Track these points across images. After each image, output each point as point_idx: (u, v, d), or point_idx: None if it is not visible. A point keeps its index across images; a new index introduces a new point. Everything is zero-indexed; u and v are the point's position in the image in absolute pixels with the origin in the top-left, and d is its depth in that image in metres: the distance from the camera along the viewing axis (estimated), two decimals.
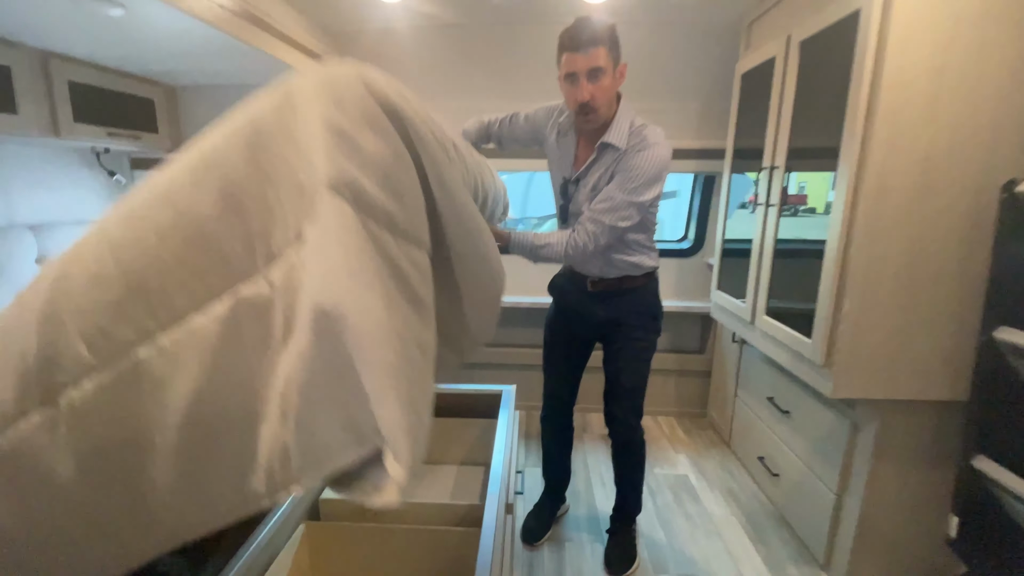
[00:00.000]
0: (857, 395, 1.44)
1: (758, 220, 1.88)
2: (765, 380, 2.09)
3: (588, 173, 1.46)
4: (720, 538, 1.86)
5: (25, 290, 0.62)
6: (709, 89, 2.40)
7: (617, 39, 1.33)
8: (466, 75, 2.48)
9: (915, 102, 1.25)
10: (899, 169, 1.29)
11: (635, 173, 1.34)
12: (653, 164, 1.34)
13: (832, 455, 1.65)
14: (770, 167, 1.78)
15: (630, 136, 1.37)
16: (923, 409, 1.45)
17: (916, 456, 1.49)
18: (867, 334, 1.38)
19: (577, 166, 1.49)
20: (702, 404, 2.78)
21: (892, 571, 1.59)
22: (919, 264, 1.34)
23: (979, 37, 1.22)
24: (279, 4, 1.90)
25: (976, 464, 1.34)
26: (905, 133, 1.27)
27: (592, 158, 1.43)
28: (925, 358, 1.38)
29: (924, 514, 1.53)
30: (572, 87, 1.33)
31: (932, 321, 1.36)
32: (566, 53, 1.31)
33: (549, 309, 1.75)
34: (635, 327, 1.58)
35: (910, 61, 1.24)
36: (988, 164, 1.27)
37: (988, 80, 1.24)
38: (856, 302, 1.37)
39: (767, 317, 1.81)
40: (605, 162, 1.41)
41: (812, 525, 1.76)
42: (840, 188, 1.38)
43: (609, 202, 1.37)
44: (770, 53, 1.80)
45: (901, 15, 1.23)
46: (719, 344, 2.61)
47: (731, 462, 2.36)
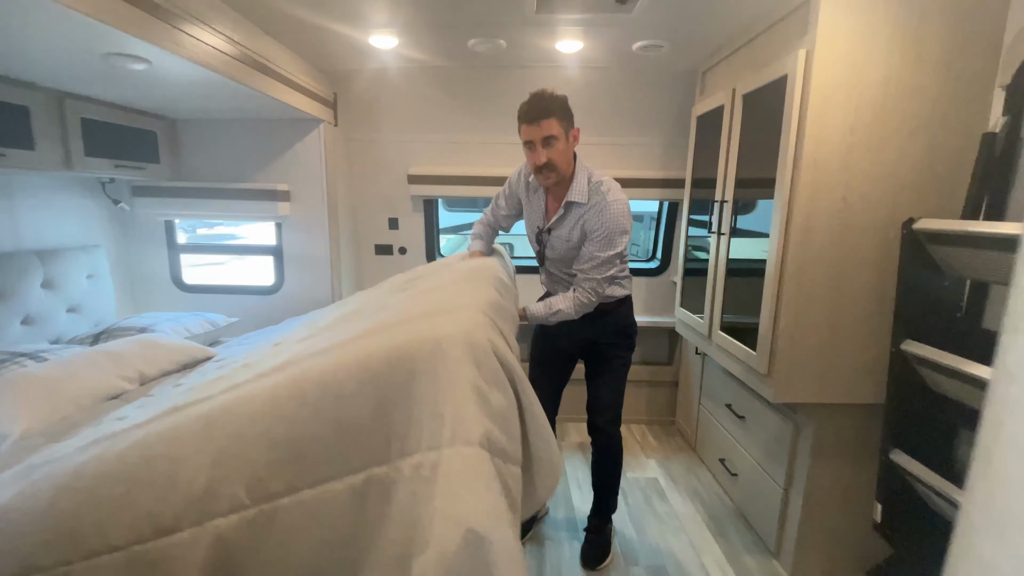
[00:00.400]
0: (795, 400, 1.67)
1: (712, 246, 2.12)
2: (723, 389, 2.32)
3: (559, 225, 1.67)
4: (685, 533, 2.06)
5: (201, 427, 0.82)
6: (671, 127, 2.67)
7: (568, 109, 1.54)
8: (450, 111, 2.69)
9: (832, 154, 1.51)
10: (822, 209, 1.54)
11: (605, 231, 1.56)
12: (617, 220, 1.56)
13: (779, 454, 1.88)
14: (720, 201, 2.03)
15: (590, 192, 1.58)
16: (850, 411, 1.68)
17: (846, 452, 1.73)
18: (801, 347, 1.61)
19: (548, 218, 1.71)
20: (671, 412, 3.00)
21: (832, 556, 1.81)
22: (841, 288, 1.58)
23: (882, 102, 1.49)
24: (280, 50, 2.08)
25: (893, 457, 1.57)
26: (826, 179, 1.52)
27: (560, 213, 1.65)
28: (849, 367, 1.62)
29: (856, 503, 1.76)
30: (531, 152, 1.55)
31: (853, 336, 1.61)
32: (523, 125, 1.52)
33: (535, 329, 1.94)
34: (612, 345, 1.79)
35: (827, 119, 1.49)
36: (892, 206, 1.53)
37: (890, 137, 1.50)
38: (791, 319, 1.60)
39: (721, 332, 2.04)
40: (572, 216, 1.63)
41: (764, 518, 1.98)
42: (775, 223, 1.62)
43: (594, 261, 1.59)
44: (719, 101, 2.06)
45: (819, 81, 1.48)
46: (684, 356, 2.84)
47: (696, 465, 2.57)
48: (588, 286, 1.62)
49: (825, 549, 1.80)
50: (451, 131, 2.73)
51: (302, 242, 2.63)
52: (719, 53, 2.16)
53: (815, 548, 1.80)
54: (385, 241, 2.93)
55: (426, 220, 2.90)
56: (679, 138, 2.65)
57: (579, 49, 2.26)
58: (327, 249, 2.62)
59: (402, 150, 2.78)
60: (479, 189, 2.77)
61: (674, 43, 2.17)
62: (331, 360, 0.84)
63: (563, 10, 1.83)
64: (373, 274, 2.95)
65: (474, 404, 0.77)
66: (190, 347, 2.02)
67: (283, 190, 2.53)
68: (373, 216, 2.89)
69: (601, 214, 1.56)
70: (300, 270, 2.67)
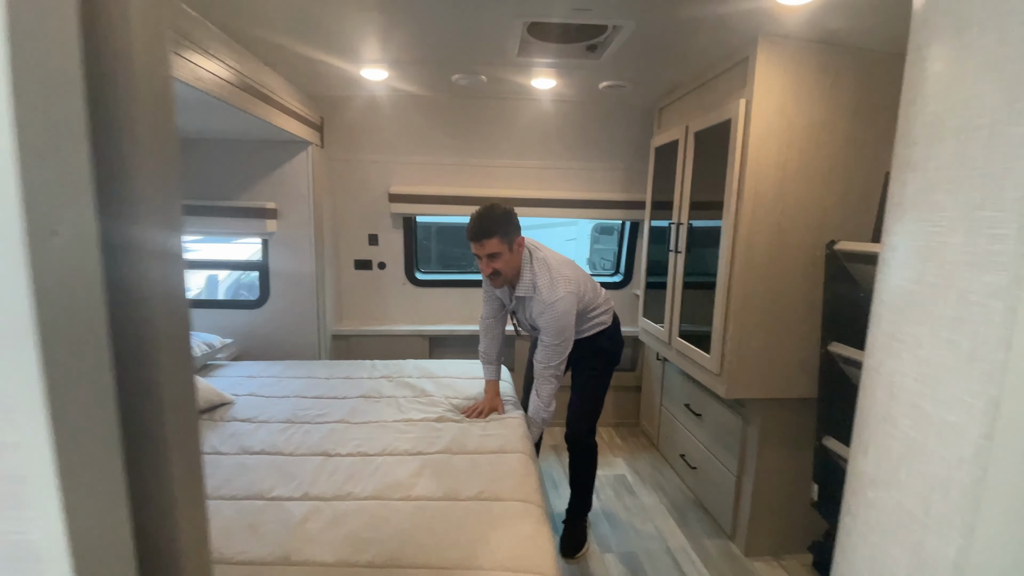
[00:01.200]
0: (743, 396, 1.93)
1: (670, 263, 2.39)
2: (682, 390, 2.58)
3: (519, 309, 1.93)
4: (652, 522, 2.28)
5: None
6: (632, 155, 2.96)
7: (510, 223, 1.75)
8: (430, 135, 2.89)
9: (769, 186, 1.79)
10: (761, 231, 1.82)
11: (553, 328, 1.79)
12: (558, 318, 1.78)
13: (732, 446, 2.13)
14: (677, 223, 2.30)
15: (535, 290, 1.81)
16: (789, 405, 1.96)
17: (788, 441, 2.00)
18: (746, 349, 1.88)
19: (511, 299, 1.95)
20: (635, 415, 3.25)
21: (779, 533, 2.07)
22: (778, 298, 1.86)
23: (807, 144, 1.79)
24: (274, 77, 2.22)
25: (826, 443, 1.85)
26: (764, 207, 1.80)
27: (514, 304, 1.93)
28: (787, 366, 1.90)
29: (798, 485, 2.03)
30: (480, 263, 1.80)
31: (790, 339, 1.89)
32: (470, 242, 1.76)
33: (530, 348, 2.15)
34: (591, 364, 2.03)
35: (764, 158, 1.78)
36: (818, 230, 1.83)
37: (815, 173, 1.80)
38: (737, 325, 1.87)
39: (679, 338, 2.30)
40: (525, 304, 1.88)
41: (720, 504, 2.22)
42: (723, 244, 1.89)
43: (547, 351, 1.83)
44: (674, 136, 2.35)
45: (756, 126, 1.77)
46: (647, 363, 3.10)
47: (659, 461, 2.81)
48: (547, 374, 1.87)
49: (773, 528, 2.06)
50: (431, 153, 2.92)
51: (288, 258, 2.73)
52: (674, 94, 2.46)
53: (765, 528, 2.06)
54: (365, 256, 3.07)
55: (405, 236, 3.06)
56: (640, 164, 2.94)
57: (552, 86, 2.52)
58: (313, 265, 2.74)
59: (383, 170, 2.94)
60: (456, 208, 2.96)
61: (635, 84, 2.45)
62: None
63: (540, 55, 2.07)
64: (353, 288, 3.07)
65: None
66: (209, 389, 2.01)
67: (271, 208, 2.64)
68: (354, 232, 3.02)
69: (545, 315, 1.79)
70: (286, 285, 2.76)
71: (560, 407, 2.03)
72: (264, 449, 1.66)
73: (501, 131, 2.91)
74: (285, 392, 2.16)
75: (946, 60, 0.46)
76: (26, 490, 0.29)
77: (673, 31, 1.78)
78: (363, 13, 1.70)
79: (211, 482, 1.45)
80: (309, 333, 2.80)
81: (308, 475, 1.51)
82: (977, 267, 0.40)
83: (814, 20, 1.59)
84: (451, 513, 1.34)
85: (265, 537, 1.22)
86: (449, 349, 3.11)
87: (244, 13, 1.69)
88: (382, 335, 3.00)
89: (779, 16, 1.58)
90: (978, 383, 0.40)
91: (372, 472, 1.53)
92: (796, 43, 1.73)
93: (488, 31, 1.84)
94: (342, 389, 2.21)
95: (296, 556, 1.17)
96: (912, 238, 0.47)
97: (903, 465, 0.49)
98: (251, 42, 1.94)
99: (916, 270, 0.47)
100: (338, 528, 1.26)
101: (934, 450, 0.45)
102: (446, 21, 1.76)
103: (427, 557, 1.17)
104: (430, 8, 1.65)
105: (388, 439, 1.75)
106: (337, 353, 2.98)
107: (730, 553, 2.09)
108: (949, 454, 0.43)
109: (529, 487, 1.48)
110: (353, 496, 1.41)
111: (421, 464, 1.58)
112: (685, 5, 1.56)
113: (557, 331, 1.80)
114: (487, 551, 1.19)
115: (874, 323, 0.61)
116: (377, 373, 2.42)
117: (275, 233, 2.70)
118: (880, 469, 0.53)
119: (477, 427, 1.86)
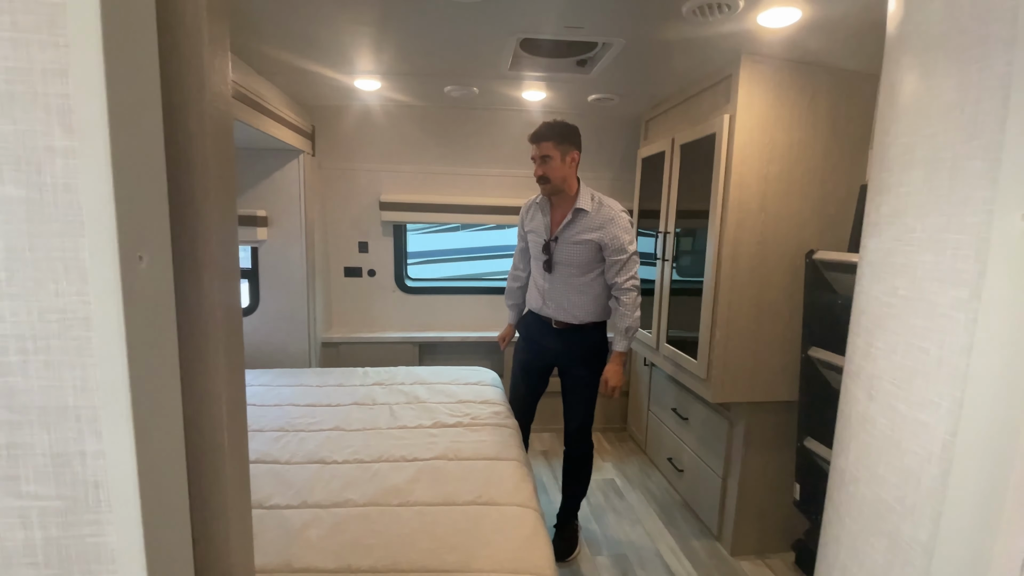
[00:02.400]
0: (729, 400, 1.99)
1: (657, 270, 2.45)
2: (669, 395, 2.64)
3: (567, 230, 1.92)
4: (641, 525, 2.33)
5: None
6: (619, 164, 3.04)
7: (567, 135, 1.84)
8: (421, 144, 2.93)
9: (752, 198, 1.87)
10: (745, 241, 1.89)
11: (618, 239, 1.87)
12: (626, 229, 1.89)
13: (718, 448, 2.20)
14: (663, 232, 2.37)
15: (593, 204, 1.90)
16: (772, 408, 2.03)
17: (772, 442, 2.07)
18: (732, 355, 1.95)
19: (554, 229, 1.97)
20: (623, 420, 3.30)
21: (764, 532, 2.13)
22: (762, 305, 1.94)
23: (787, 158, 1.87)
24: (269, 87, 2.24)
25: (807, 444, 1.92)
26: (747, 219, 1.88)
27: (568, 219, 1.91)
28: (770, 370, 1.97)
29: (780, 486, 2.09)
30: (535, 166, 1.90)
31: (772, 345, 1.96)
32: (531, 144, 1.88)
33: (517, 343, 2.19)
34: (583, 364, 2.03)
35: (747, 171, 1.86)
36: (798, 240, 1.91)
37: (795, 186, 1.89)
38: (723, 332, 1.93)
39: (667, 344, 2.37)
40: (578, 222, 1.90)
41: (707, 505, 2.28)
42: (709, 253, 1.96)
43: (619, 263, 1.89)
44: (661, 148, 2.42)
45: (739, 140, 1.84)
46: (634, 368, 3.16)
47: (647, 465, 2.87)
48: (628, 285, 1.90)
49: (758, 527, 2.12)
50: (422, 162, 2.95)
51: (279, 265, 2.73)
52: (660, 107, 2.54)
53: (750, 527, 2.12)
54: (355, 264, 3.08)
55: (395, 244, 3.08)
56: (627, 174, 3.01)
57: (542, 98, 2.58)
58: (304, 272, 2.74)
59: (374, 178, 2.96)
60: (446, 216, 3.00)
61: (623, 97, 2.52)
62: None
63: (532, 69, 2.13)
64: (342, 295, 3.08)
65: None
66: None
67: (262, 216, 2.64)
68: (344, 240, 3.03)
69: (612, 224, 1.87)
70: (277, 292, 2.76)
71: (547, 413, 2.06)
72: (259, 458, 1.67)
73: (492, 141, 2.96)
74: (277, 400, 2.16)
75: (914, 97, 0.52)
76: (105, 495, 0.31)
77: (661, 49, 1.85)
78: (358, 27, 1.74)
79: None
80: (299, 341, 2.80)
81: (305, 483, 1.52)
82: (943, 282, 0.46)
83: (794, 41, 1.67)
84: (449, 518, 1.37)
85: (265, 546, 1.23)
86: (439, 356, 3.13)
87: (238, 25, 1.71)
88: (372, 342, 3.01)
89: (761, 37, 1.66)
90: (945, 385, 0.46)
91: (369, 479, 1.55)
92: (777, 62, 1.81)
93: (482, 46, 1.89)
94: (335, 396, 2.22)
95: (297, 563, 1.19)
96: (886, 255, 0.53)
97: (881, 461, 0.54)
98: (244, 52, 1.96)
99: (890, 284, 0.52)
100: (339, 535, 1.28)
101: (908, 447, 0.50)
102: (441, 36, 1.80)
103: (427, 561, 1.20)
104: (425, 24, 1.69)
105: (384, 446, 1.76)
106: (327, 361, 2.98)
107: (717, 553, 2.15)
108: (921, 450, 0.48)
109: (525, 492, 1.51)
110: (352, 503, 1.43)
111: (418, 470, 1.61)
112: (673, 26, 1.63)
113: (628, 242, 1.87)
114: (486, 554, 1.22)
115: (853, 332, 0.66)
116: (369, 380, 2.43)
117: (265, 241, 2.70)
118: (860, 465, 0.58)
119: (472, 433, 1.89)
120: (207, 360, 0.36)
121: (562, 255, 1.95)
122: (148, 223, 0.31)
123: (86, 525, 0.31)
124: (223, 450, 0.37)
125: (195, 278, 0.35)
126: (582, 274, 1.94)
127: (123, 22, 0.29)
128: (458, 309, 3.20)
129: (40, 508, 0.30)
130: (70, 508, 0.31)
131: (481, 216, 3.06)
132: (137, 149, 0.31)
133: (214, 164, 0.37)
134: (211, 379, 0.36)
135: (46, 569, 0.31)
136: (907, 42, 0.52)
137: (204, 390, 0.36)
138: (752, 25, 1.57)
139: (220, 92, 0.39)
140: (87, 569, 0.32)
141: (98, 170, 0.28)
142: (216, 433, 0.37)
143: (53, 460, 0.30)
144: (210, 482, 0.38)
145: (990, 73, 0.42)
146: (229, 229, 0.40)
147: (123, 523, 0.31)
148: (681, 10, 1.50)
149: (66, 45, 0.28)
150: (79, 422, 0.29)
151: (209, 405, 0.37)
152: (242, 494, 0.42)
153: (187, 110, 0.35)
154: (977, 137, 0.43)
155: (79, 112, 0.28)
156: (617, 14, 1.58)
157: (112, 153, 0.28)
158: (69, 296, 0.28)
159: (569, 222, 1.92)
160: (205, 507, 0.38)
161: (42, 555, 0.31)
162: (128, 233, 0.29)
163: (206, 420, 0.37)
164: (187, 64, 0.35)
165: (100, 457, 0.30)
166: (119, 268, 0.29)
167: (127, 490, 0.31)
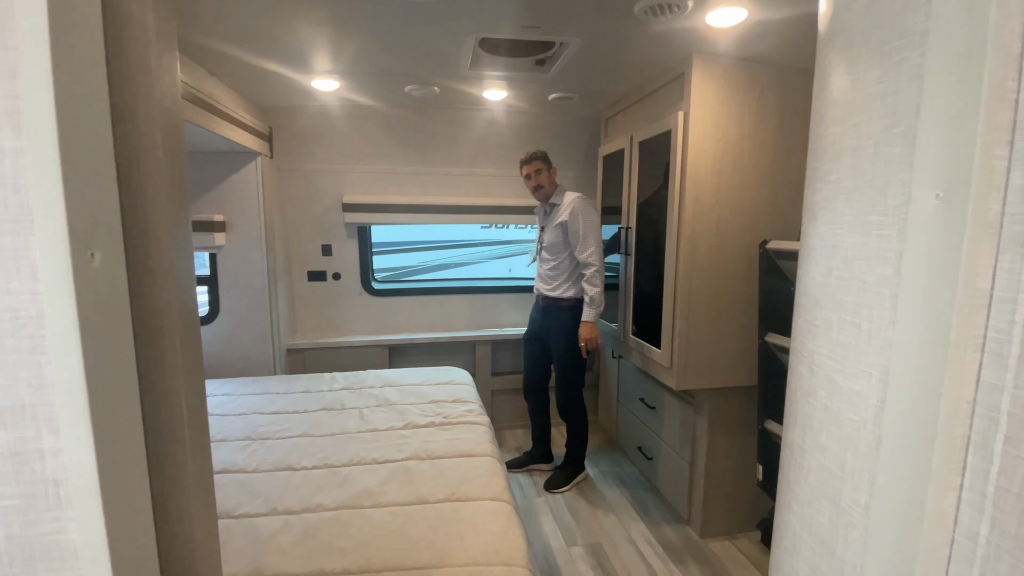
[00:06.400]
0: (692, 387, 2.06)
1: (621, 264, 2.51)
2: (637, 385, 2.71)
3: (548, 221, 2.49)
4: (614, 514, 2.38)
5: None
6: (581, 161, 3.09)
7: (547, 157, 2.44)
8: (386, 146, 2.89)
9: (707, 191, 1.94)
10: (702, 232, 1.96)
11: (576, 218, 2.34)
12: (585, 213, 2.35)
13: (684, 434, 2.27)
14: (626, 227, 2.43)
15: (562, 197, 2.44)
16: (734, 393, 2.11)
17: (734, 426, 2.15)
18: (693, 343, 2.01)
19: (543, 219, 2.57)
20: (594, 413, 3.36)
21: (731, 514, 2.21)
22: (720, 294, 2.01)
23: (739, 152, 1.95)
24: (221, 88, 2.17)
25: (767, 427, 2.01)
26: (703, 211, 1.95)
27: (548, 212, 2.51)
28: (730, 357, 2.05)
29: (745, 468, 2.18)
30: (527, 181, 2.44)
31: (731, 332, 2.04)
32: (522, 166, 2.44)
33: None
34: (559, 335, 2.44)
35: (701, 166, 1.92)
36: (752, 230, 1.99)
37: (747, 179, 1.97)
38: (684, 321, 2.00)
39: (632, 336, 2.43)
40: (553, 213, 2.46)
41: (676, 491, 2.35)
42: (669, 246, 2.02)
43: (580, 240, 2.34)
44: (620, 145, 2.48)
45: (694, 135, 1.91)
46: (603, 361, 3.22)
47: (619, 455, 2.93)
48: (586, 259, 2.33)
49: (725, 510, 2.20)
50: (385, 162, 2.92)
51: (239, 271, 2.65)
52: (619, 105, 2.60)
53: (717, 510, 2.20)
54: (319, 267, 3.02)
55: (360, 246, 3.04)
56: (589, 171, 3.07)
57: (503, 97, 2.60)
58: (265, 278, 2.67)
59: (336, 180, 2.91)
60: (411, 216, 2.97)
61: (582, 96, 2.57)
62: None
63: (491, 68, 2.14)
64: (306, 300, 3.01)
65: None
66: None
67: (219, 220, 2.56)
68: (306, 243, 2.97)
69: (571, 207, 2.37)
70: (237, 299, 2.68)
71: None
72: (225, 468, 1.62)
73: (455, 140, 2.96)
74: (241, 409, 2.11)
75: (841, 90, 0.56)
76: (66, 492, 0.31)
77: (615, 49, 1.90)
78: (314, 27, 1.71)
79: None
80: (263, 348, 2.73)
81: (274, 491, 1.49)
82: (870, 261, 0.50)
83: (742, 40, 1.74)
84: (423, 516, 1.37)
85: (235, 554, 1.20)
86: (410, 358, 3.11)
87: (187, 21, 1.66)
88: (339, 347, 2.96)
89: (710, 36, 1.73)
90: (875, 356, 0.50)
91: (340, 483, 1.53)
92: (727, 60, 1.89)
93: (441, 46, 1.89)
94: (302, 403, 2.18)
95: (268, 570, 1.17)
96: (821, 239, 0.57)
97: (823, 431, 0.58)
98: (194, 50, 1.89)
99: (825, 265, 0.56)
100: (310, 540, 1.26)
101: (846, 415, 0.54)
102: (399, 36, 1.80)
103: (402, 560, 1.20)
104: (383, 23, 1.68)
105: (354, 449, 1.75)
106: (292, 367, 2.91)
107: (687, 537, 2.22)
108: (857, 417, 0.52)
109: (498, 486, 1.53)
110: (323, 507, 1.41)
111: (389, 472, 1.60)
112: (626, 25, 1.67)
113: (583, 222, 2.32)
114: (460, 548, 1.23)
115: (797, 312, 0.70)
116: (337, 385, 2.39)
117: (224, 246, 2.62)
118: (805, 436, 0.62)
119: (444, 432, 1.89)
120: (164, 357, 0.36)
121: (545, 241, 2.49)
122: (99, 221, 0.31)
123: (48, 523, 0.31)
124: (184, 446, 0.37)
125: (149, 275, 0.35)
126: (557, 254, 2.43)
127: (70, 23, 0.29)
128: (427, 310, 3.18)
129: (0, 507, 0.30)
130: (30, 506, 0.30)
131: (446, 216, 3.05)
132: (86, 148, 0.30)
133: (165, 162, 0.37)
134: (169, 376, 0.36)
135: (10, 568, 0.30)
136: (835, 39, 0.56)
137: (162, 387, 0.36)
138: (701, 24, 1.63)
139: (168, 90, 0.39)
140: (51, 567, 0.32)
141: (47, 169, 0.28)
142: (176, 430, 0.37)
143: (11, 459, 0.29)
144: (172, 480, 0.38)
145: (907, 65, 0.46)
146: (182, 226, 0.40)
147: (85, 520, 0.31)
148: (633, 10, 1.55)
149: (14, 48, 0.28)
150: (36, 420, 0.29)
151: (168, 402, 0.36)
152: (206, 493, 0.42)
153: (136, 109, 0.35)
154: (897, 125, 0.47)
155: (27, 112, 0.28)
156: (571, 14, 1.61)
157: (61, 152, 0.28)
158: (21, 295, 0.28)
159: (548, 214, 2.50)
160: (168, 505, 0.38)
161: (5, 554, 0.30)
162: (79, 231, 0.29)
163: (165, 417, 0.37)
164: (134, 63, 0.35)
165: (59, 454, 0.30)
166: (71, 266, 0.29)
167: (88, 487, 0.31)
